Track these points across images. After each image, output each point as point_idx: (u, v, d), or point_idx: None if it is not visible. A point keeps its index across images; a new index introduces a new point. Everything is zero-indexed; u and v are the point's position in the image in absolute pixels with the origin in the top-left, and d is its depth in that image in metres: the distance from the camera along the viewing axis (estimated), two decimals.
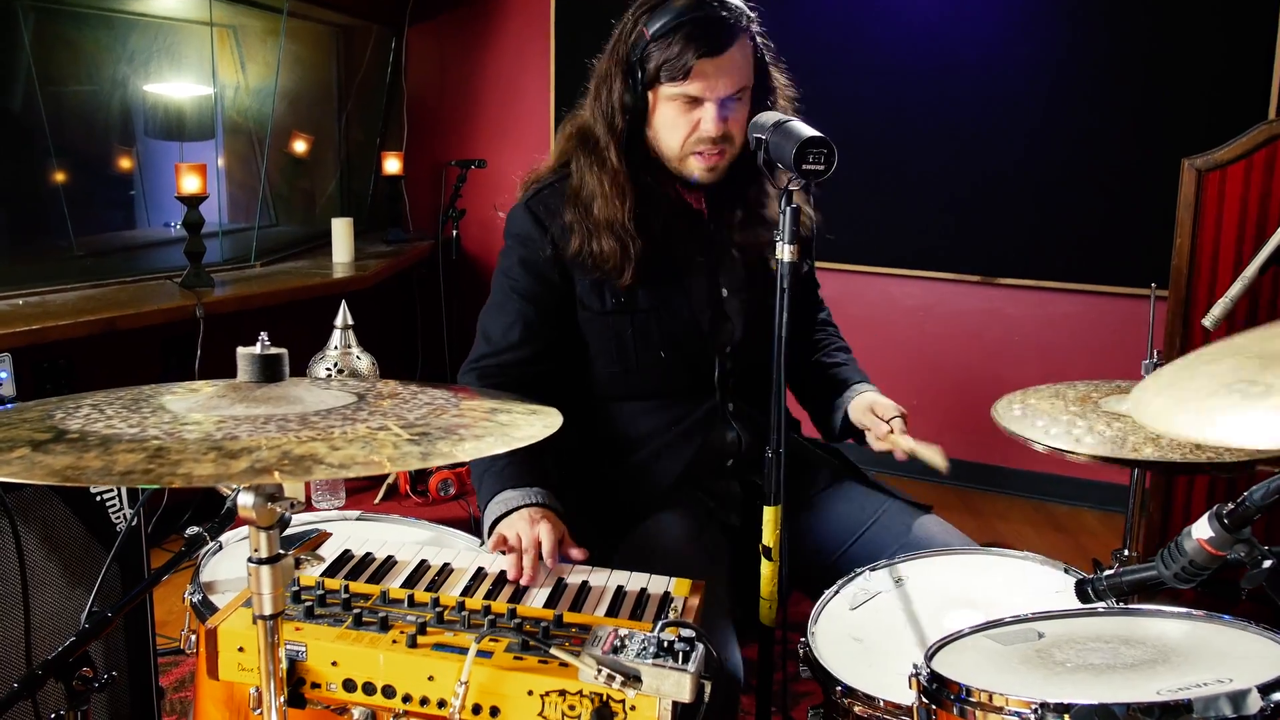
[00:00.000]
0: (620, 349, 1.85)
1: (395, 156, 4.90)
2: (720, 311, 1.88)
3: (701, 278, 1.87)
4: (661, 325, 1.84)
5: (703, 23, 1.69)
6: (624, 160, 1.79)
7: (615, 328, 1.84)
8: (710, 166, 1.78)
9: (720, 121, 1.73)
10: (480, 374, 1.86)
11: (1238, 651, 1.14)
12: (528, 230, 1.86)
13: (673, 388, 1.88)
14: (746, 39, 1.75)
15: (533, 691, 1.23)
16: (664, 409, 1.88)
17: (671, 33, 1.70)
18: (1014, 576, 1.69)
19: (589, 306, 1.84)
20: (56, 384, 3.08)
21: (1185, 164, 2.92)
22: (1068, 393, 1.90)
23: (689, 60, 1.69)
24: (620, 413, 1.90)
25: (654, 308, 1.84)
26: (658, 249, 1.82)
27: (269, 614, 1.11)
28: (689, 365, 1.87)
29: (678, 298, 1.85)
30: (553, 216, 1.85)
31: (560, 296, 1.85)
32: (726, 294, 1.88)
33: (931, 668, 1.17)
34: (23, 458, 0.87)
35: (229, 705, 1.48)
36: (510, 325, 1.85)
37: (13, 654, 1.60)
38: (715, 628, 1.57)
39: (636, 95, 1.76)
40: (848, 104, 4.14)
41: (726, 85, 1.72)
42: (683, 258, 1.86)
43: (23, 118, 3.54)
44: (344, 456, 0.89)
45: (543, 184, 1.90)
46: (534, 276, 1.85)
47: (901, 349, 4.33)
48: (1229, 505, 1.05)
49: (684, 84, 1.71)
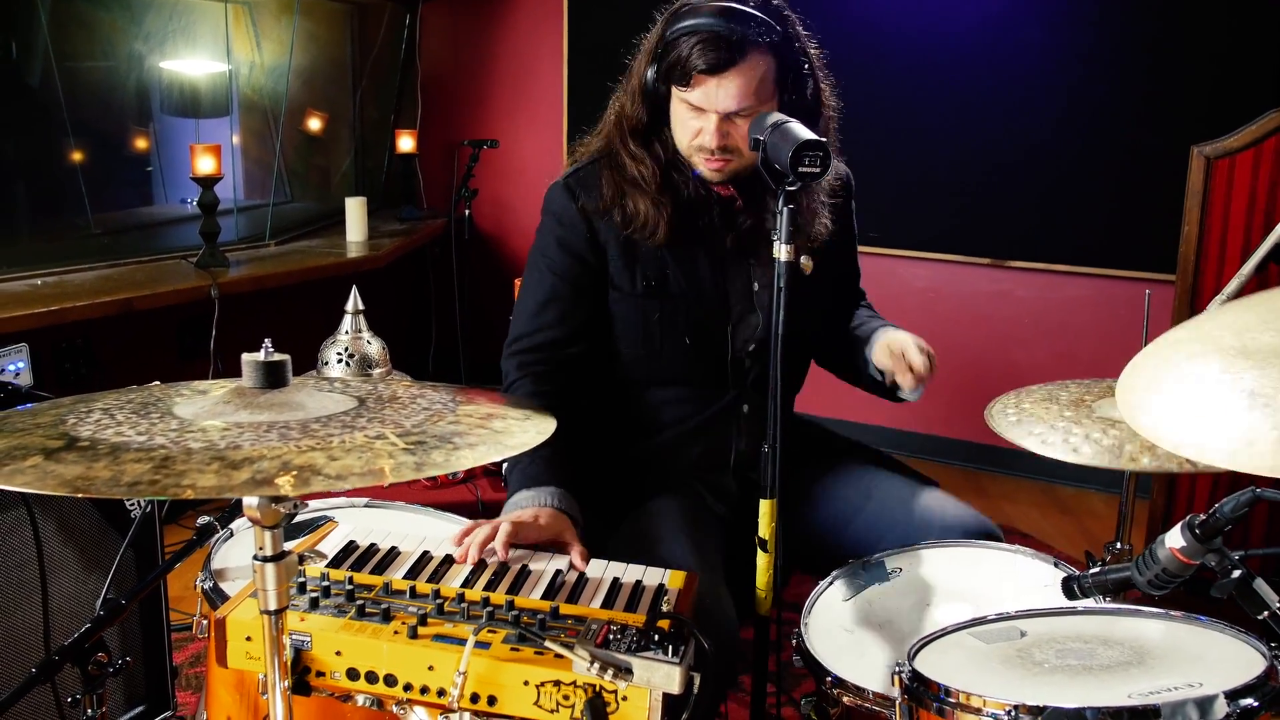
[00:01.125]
0: (646, 332, 1.87)
1: (409, 134, 4.92)
2: (750, 305, 1.89)
3: (735, 267, 1.89)
4: (689, 312, 1.86)
5: (711, 38, 1.69)
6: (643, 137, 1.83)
7: (644, 310, 1.86)
8: (715, 169, 1.80)
9: (718, 135, 1.74)
10: (520, 361, 1.88)
11: (1212, 654, 1.18)
12: (564, 207, 1.88)
13: (691, 377, 1.91)
14: (760, 56, 1.72)
15: (528, 682, 1.27)
16: (680, 401, 1.91)
17: (684, 38, 1.71)
18: (1004, 569, 1.72)
19: (619, 286, 1.87)
20: (74, 364, 3.14)
21: (1194, 151, 2.91)
22: (1060, 394, 1.91)
23: (691, 71, 1.71)
24: (642, 397, 1.93)
25: (683, 294, 1.86)
26: (687, 224, 1.84)
27: (274, 609, 1.16)
28: (711, 355, 1.89)
29: (709, 286, 1.87)
30: (589, 192, 1.87)
31: (594, 275, 1.87)
32: (758, 288, 1.90)
33: (913, 667, 1.21)
34: (35, 466, 0.91)
35: (239, 689, 1.53)
36: (545, 303, 1.88)
37: (32, 637, 1.66)
38: (713, 609, 1.60)
39: (657, 86, 1.79)
40: (860, 87, 4.12)
41: (726, 102, 1.72)
42: (718, 245, 1.87)
43: (41, 94, 3.58)
44: (341, 467, 0.93)
45: (581, 164, 1.92)
46: (569, 255, 1.87)
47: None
48: (1201, 516, 1.08)
49: (687, 91, 1.74)
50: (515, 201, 5.04)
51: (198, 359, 3.51)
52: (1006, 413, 1.92)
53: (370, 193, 5.06)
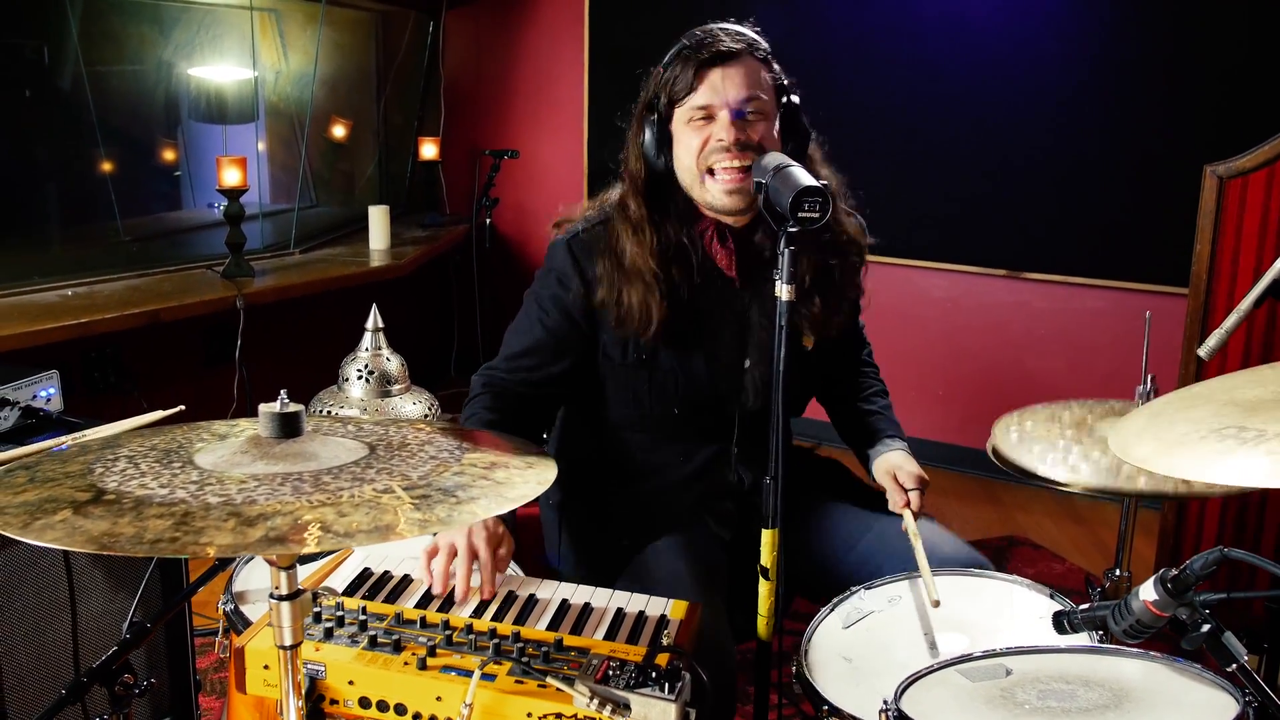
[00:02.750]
0: (635, 397, 1.93)
1: (432, 142, 4.99)
2: (739, 382, 1.93)
3: (726, 345, 1.92)
4: (679, 386, 1.91)
5: (707, 41, 1.77)
6: (646, 205, 1.85)
7: (633, 381, 1.92)
8: (731, 189, 1.79)
9: (734, 128, 1.76)
10: (487, 381, 1.96)
11: (1188, 699, 1.22)
12: (565, 269, 1.91)
13: (683, 436, 1.97)
14: (757, 60, 1.80)
15: (531, 714, 1.32)
16: (674, 444, 1.97)
17: (678, 55, 1.79)
18: (1001, 599, 1.76)
19: (610, 356, 1.91)
20: (104, 373, 3.23)
21: (1207, 170, 2.93)
22: (1063, 414, 1.95)
23: (693, 71, 1.76)
24: (632, 441, 1.99)
25: (673, 368, 1.90)
26: (684, 310, 1.86)
27: (288, 645, 1.22)
28: (701, 421, 1.94)
29: (698, 362, 1.90)
30: (590, 260, 1.89)
31: (581, 338, 1.92)
32: (749, 364, 1.93)
33: (899, 707, 1.25)
34: (65, 521, 0.97)
35: (259, 709, 1.59)
36: (528, 349, 1.94)
37: (62, 654, 1.73)
38: (713, 642, 1.65)
39: (659, 131, 1.82)
40: (877, 99, 4.17)
41: (735, 90, 1.75)
42: (709, 322, 1.90)
43: (71, 98, 3.66)
44: (349, 524, 0.98)
45: (588, 223, 1.94)
46: (561, 314, 1.92)
47: (928, 339, 4.38)
48: (1173, 571, 1.12)
49: (693, 96, 1.77)
50: (536, 207, 5.10)
51: (223, 365, 3.59)
52: (1010, 431, 1.97)
53: (394, 198, 5.14)
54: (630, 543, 1.89)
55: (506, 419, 1.87)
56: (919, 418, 4.44)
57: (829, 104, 4.37)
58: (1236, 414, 1.42)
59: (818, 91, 4.55)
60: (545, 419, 2.03)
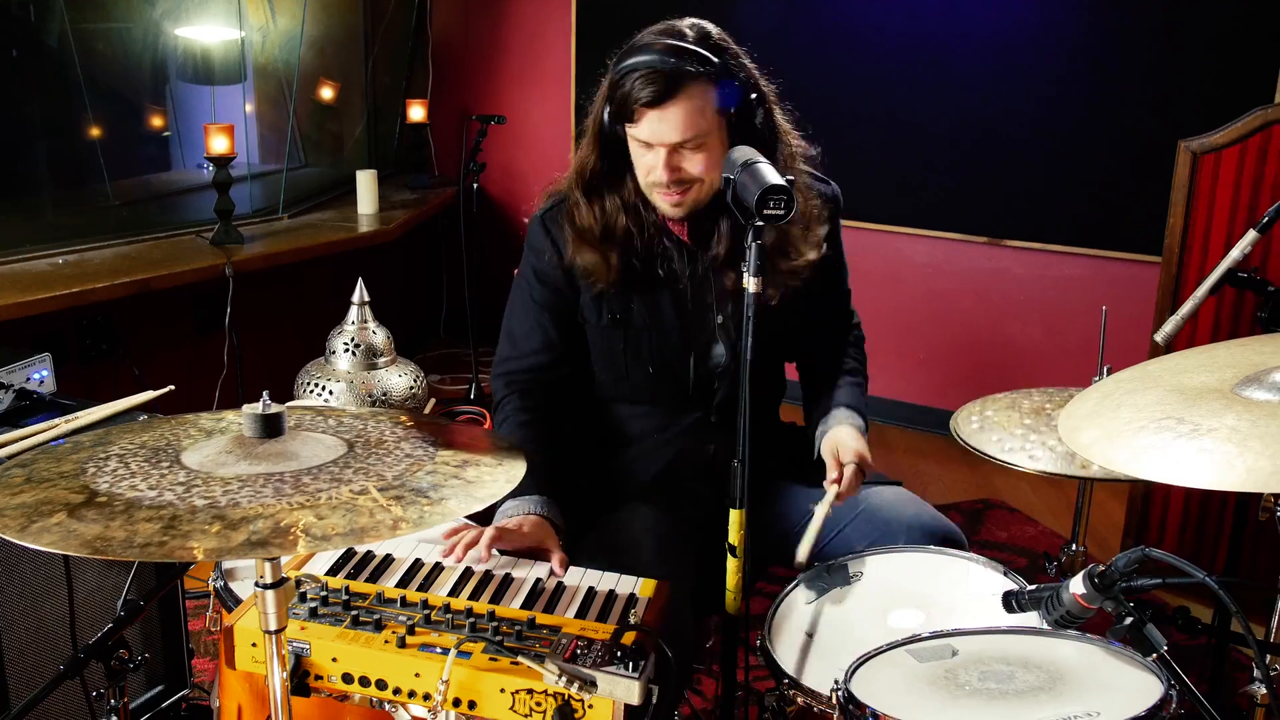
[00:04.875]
0: (612, 359, 2.00)
1: (420, 104, 5.00)
2: (712, 336, 1.99)
3: (693, 301, 1.98)
4: (651, 343, 1.98)
5: (649, 74, 1.76)
6: (591, 181, 1.91)
7: (609, 340, 1.99)
8: (674, 204, 1.87)
9: (668, 170, 1.81)
10: (508, 380, 2.02)
11: (1117, 683, 1.30)
12: (539, 242, 2.00)
13: (660, 397, 2.03)
14: (700, 87, 1.78)
15: (504, 689, 1.41)
16: (652, 415, 2.04)
17: (626, 76, 1.79)
18: (958, 577, 1.83)
19: (588, 319, 1.99)
20: (95, 340, 3.28)
21: (1181, 146, 2.98)
22: (1023, 403, 2.02)
23: (634, 106, 1.78)
24: (614, 412, 2.06)
25: (646, 326, 1.97)
26: (645, 266, 1.94)
27: (273, 629, 1.30)
28: (676, 381, 2.00)
29: (670, 320, 1.97)
30: (559, 228, 1.97)
31: (569, 304, 1.99)
32: (720, 319, 1.99)
33: (848, 687, 1.34)
34: (60, 524, 1.04)
35: (249, 682, 1.68)
36: (530, 331, 2.01)
37: (60, 628, 1.81)
38: (675, 619, 1.73)
39: (612, 128, 1.87)
40: (864, 70, 4.21)
41: (671, 134, 1.78)
42: (675, 279, 1.97)
43: (58, 57, 3.67)
44: (327, 526, 1.05)
45: (556, 197, 2.02)
46: (546, 286, 1.99)
47: (911, 303, 4.44)
48: (1100, 568, 1.20)
49: (635, 128, 1.82)
50: (525, 170, 5.13)
51: (214, 332, 3.65)
52: (971, 420, 2.03)
53: (383, 159, 5.16)
54: (604, 511, 1.97)
55: (538, 415, 1.95)
56: (899, 381, 4.52)
57: (820, 76, 4.41)
58: (1178, 403, 1.48)
59: (809, 63, 4.57)
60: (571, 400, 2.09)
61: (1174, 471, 1.32)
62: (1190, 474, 1.30)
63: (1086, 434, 1.51)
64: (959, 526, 1.98)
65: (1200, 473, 1.30)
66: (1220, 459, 1.30)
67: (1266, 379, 1.45)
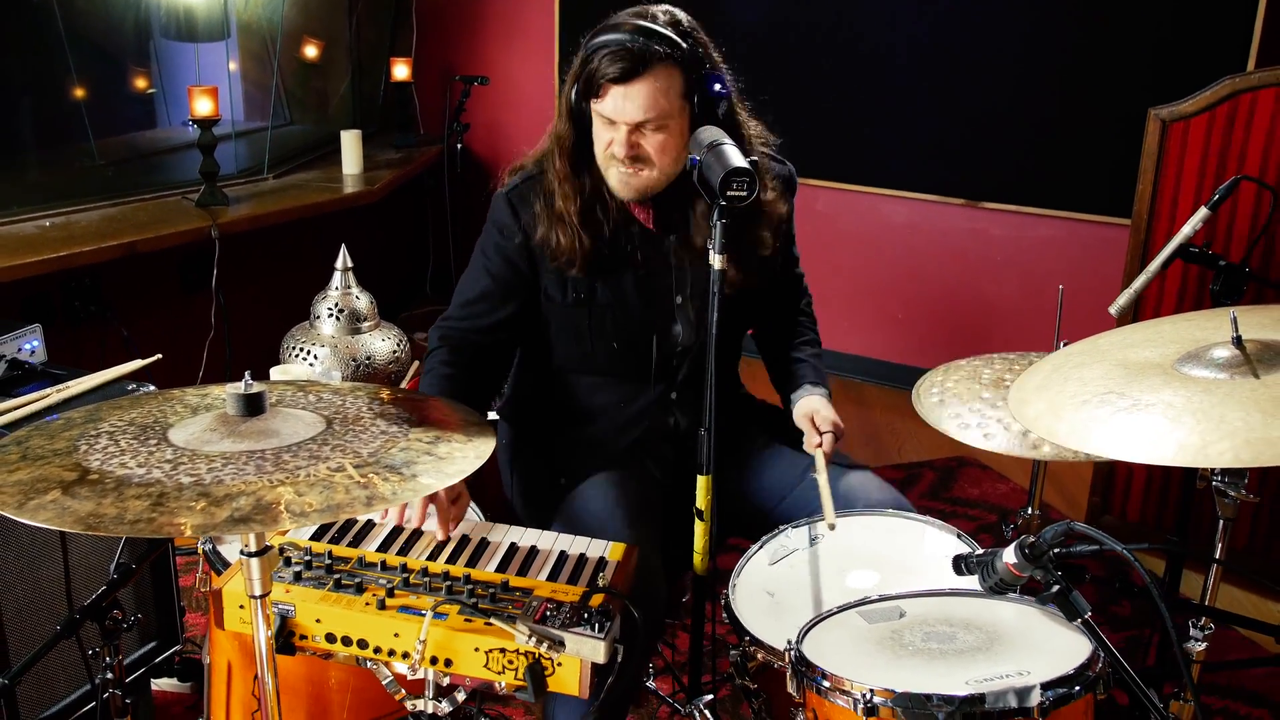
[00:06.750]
0: (577, 337, 2.07)
1: (404, 63, 5.01)
2: (672, 316, 2.07)
3: (655, 282, 2.05)
4: (615, 321, 2.05)
5: (617, 50, 1.83)
6: (570, 159, 1.97)
7: (574, 319, 2.05)
8: (625, 180, 1.93)
9: (627, 145, 1.88)
10: (443, 334, 2.10)
11: (1050, 644, 1.39)
12: (504, 219, 2.06)
13: (622, 373, 2.10)
14: (666, 69, 1.84)
15: (479, 649, 1.49)
16: (616, 387, 2.11)
17: (595, 52, 1.86)
18: (914, 539, 1.92)
19: (552, 297, 2.05)
20: (84, 302, 3.33)
21: (1151, 114, 3.04)
22: (984, 372, 2.09)
23: (601, 81, 1.85)
24: (577, 384, 2.13)
25: (609, 305, 2.04)
26: (611, 249, 2.01)
27: (259, 595, 1.38)
28: (640, 357, 2.08)
29: (632, 298, 2.04)
30: (526, 207, 2.03)
31: (525, 283, 2.06)
32: (680, 300, 2.06)
33: (799, 648, 1.43)
34: (55, 502, 1.11)
35: (237, 640, 1.77)
36: (477, 296, 2.08)
37: (56, 589, 1.89)
38: (645, 582, 1.82)
39: (580, 104, 1.93)
40: (846, 35, 4.25)
41: (634, 112, 1.85)
42: (638, 262, 2.04)
43: (40, 15, 3.66)
44: (305, 504, 1.13)
45: (523, 175, 2.08)
46: (504, 261, 2.06)
47: (889, 264, 4.51)
48: (1030, 539, 1.28)
49: (600, 103, 1.88)
50: (509, 130, 5.15)
51: (200, 293, 3.70)
52: (931, 393, 2.10)
53: (367, 118, 5.17)
54: (568, 481, 2.04)
55: (462, 371, 2.02)
56: (878, 340, 4.60)
57: (804, 42, 4.43)
58: (1122, 378, 1.56)
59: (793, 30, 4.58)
60: (501, 366, 2.17)
61: (1112, 445, 1.40)
62: (1127, 448, 1.38)
63: (1033, 407, 1.59)
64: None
65: (1136, 447, 1.38)
66: (1154, 434, 1.37)
67: (1205, 355, 1.52)
